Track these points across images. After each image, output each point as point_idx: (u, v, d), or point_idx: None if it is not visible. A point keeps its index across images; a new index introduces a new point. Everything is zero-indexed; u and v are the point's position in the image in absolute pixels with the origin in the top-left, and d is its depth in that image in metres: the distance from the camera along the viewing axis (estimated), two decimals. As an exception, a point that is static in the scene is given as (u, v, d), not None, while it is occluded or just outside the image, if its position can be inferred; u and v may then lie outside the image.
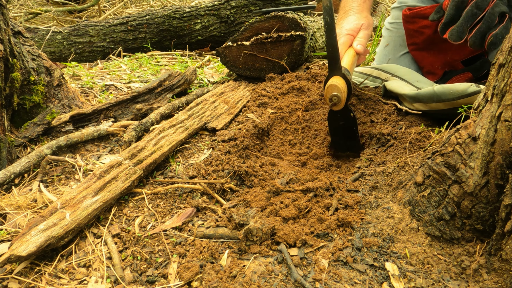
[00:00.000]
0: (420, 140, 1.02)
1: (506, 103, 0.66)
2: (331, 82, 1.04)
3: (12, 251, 0.71)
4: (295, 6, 2.63)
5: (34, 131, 1.21)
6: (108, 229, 0.86)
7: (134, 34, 2.56)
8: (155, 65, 2.28)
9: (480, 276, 0.70)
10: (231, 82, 1.71)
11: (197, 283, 0.72)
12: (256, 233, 0.79)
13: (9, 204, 0.92)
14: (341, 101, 1.04)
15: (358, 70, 1.52)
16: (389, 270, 0.73)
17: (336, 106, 1.07)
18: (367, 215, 0.87)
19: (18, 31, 1.29)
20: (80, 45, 2.49)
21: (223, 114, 1.38)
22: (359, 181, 1.00)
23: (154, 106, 1.44)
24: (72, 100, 1.41)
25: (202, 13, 2.61)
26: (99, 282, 0.73)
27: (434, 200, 0.78)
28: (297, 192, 0.94)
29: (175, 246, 0.81)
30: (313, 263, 0.76)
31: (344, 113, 1.11)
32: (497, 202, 0.69)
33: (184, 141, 1.20)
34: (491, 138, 0.68)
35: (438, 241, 0.77)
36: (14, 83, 1.15)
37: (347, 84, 1.07)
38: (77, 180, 1.06)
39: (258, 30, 1.72)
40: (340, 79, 1.06)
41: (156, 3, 4.40)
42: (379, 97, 1.30)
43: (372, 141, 1.16)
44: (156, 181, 1.03)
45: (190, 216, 0.90)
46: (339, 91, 1.04)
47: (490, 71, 0.74)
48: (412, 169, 0.92)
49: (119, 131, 1.28)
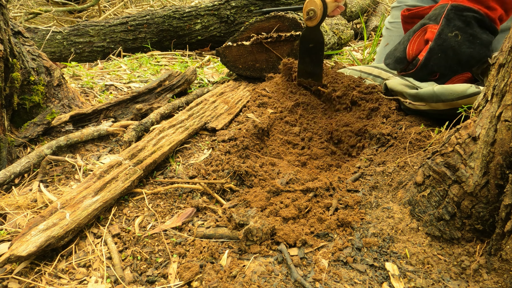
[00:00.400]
0: (420, 140, 1.02)
1: (506, 103, 0.66)
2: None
3: (12, 251, 0.71)
4: (295, 6, 2.63)
5: (34, 131, 1.21)
6: (108, 229, 0.86)
7: (134, 34, 2.56)
8: (155, 65, 2.28)
9: (480, 276, 0.70)
10: (231, 82, 1.71)
11: (197, 283, 0.72)
12: (256, 233, 0.79)
13: (9, 204, 0.92)
14: (316, 16, 1.18)
15: (358, 69, 1.52)
16: (389, 270, 0.73)
17: (310, 21, 1.21)
18: (367, 215, 0.87)
19: (18, 31, 1.29)
20: (80, 45, 2.49)
21: (223, 114, 1.38)
22: (359, 181, 1.00)
23: (154, 106, 1.44)
24: (72, 100, 1.41)
25: (202, 13, 2.61)
26: (99, 282, 0.73)
27: (434, 200, 0.78)
28: (297, 192, 0.94)
29: (175, 246, 0.81)
30: (313, 263, 0.76)
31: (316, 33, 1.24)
32: (497, 202, 0.69)
33: (184, 141, 1.20)
34: (491, 138, 0.68)
35: (438, 241, 0.77)
36: (14, 83, 1.15)
37: (323, 4, 1.20)
38: (77, 180, 1.06)
39: (258, 30, 1.72)
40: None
41: (156, 3, 4.40)
42: (381, 94, 1.30)
43: (372, 141, 1.16)
44: (156, 181, 1.03)
45: (190, 216, 0.90)
46: (316, 7, 1.19)
47: (490, 71, 0.74)
48: (412, 169, 0.92)
49: (119, 131, 1.28)
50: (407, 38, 1.18)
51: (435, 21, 1.14)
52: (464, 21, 1.09)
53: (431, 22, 1.15)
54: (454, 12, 1.10)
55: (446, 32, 1.10)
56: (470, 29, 1.08)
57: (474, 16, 1.07)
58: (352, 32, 2.69)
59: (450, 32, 1.09)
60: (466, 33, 1.08)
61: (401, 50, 1.19)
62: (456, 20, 1.09)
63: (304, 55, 1.30)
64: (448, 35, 1.09)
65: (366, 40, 2.62)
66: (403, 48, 1.18)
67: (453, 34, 1.09)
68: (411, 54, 1.16)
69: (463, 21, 1.09)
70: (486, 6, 1.07)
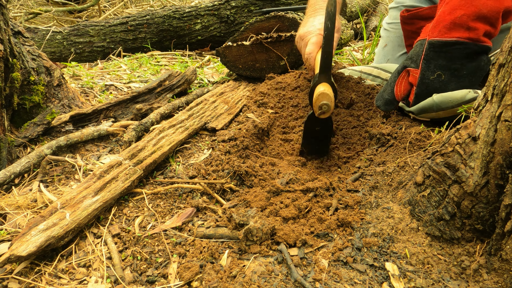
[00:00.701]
0: (420, 140, 1.02)
1: (506, 103, 0.66)
2: (322, 90, 1.01)
3: (12, 251, 0.71)
4: (295, 6, 2.63)
5: (34, 131, 1.21)
6: (108, 229, 0.86)
7: (134, 34, 2.56)
8: (155, 65, 2.28)
9: (480, 276, 0.70)
10: (231, 82, 1.71)
11: (197, 283, 0.72)
12: (256, 233, 0.79)
13: (9, 204, 0.92)
14: (330, 110, 1.02)
15: (358, 69, 1.52)
16: (389, 270, 0.73)
17: (324, 115, 1.04)
18: (367, 215, 0.87)
19: (18, 31, 1.29)
20: (80, 45, 2.49)
21: (223, 114, 1.38)
22: (359, 181, 1.00)
23: (154, 106, 1.44)
24: (72, 100, 1.41)
25: (202, 13, 2.61)
26: (99, 282, 0.73)
27: (434, 200, 0.78)
28: (297, 192, 0.94)
29: (175, 246, 0.81)
30: (313, 263, 0.76)
31: (326, 120, 1.08)
32: (497, 202, 0.69)
33: (184, 141, 1.20)
34: (491, 138, 0.68)
35: (438, 241, 0.77)
36: (14, 83, 1.15)
37: (334, 92, 1.05)
38: (77, 180, 1.06)
39: (258, 30, 1.72)
40: (329, 87, 1.03)
41: (156, 3, 4.40)
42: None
43: (372, 141, 1.16)
44: (156, 181, 1.03)
45: (190, 216, 0.90)
46: (330, 100, 1.01)
47: (490, 71, 0.74)
48: (412, 169, 0.92)
49: (119, 131, 1.28)
50: (393, 79, 1.15)
51: (416, 63, 1.09)
52: (445, 58, 1.04)
53: (412, 65, 1.11)
54: (433, 50, 1.05)
55: (427, 75, 1.06)
56: (453, 63, 1.04)
57: (456, 49, 1.02)
58: (352, 32, 2.69)
59: (432, 74, 1.05)
60: (450, 69, 1.04)
61: (389, 91, 1.16)
62: (437, 59, 1.05)
63: (309, 135, 1.14)
64: (431, 78, 1.06)
65: (366, 40, 2.62)
66: (391, 90, 1.15)
67: (435, 76, 1.05)
68: (400, 96, 1.14)
69: (445, 58, 1.04)
70: (466, 28, 1.01)
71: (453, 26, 1.02)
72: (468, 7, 1.00)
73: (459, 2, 1.02)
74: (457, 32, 1.02)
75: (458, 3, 1.02)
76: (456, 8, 1.02)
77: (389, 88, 1.17)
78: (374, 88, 1.37)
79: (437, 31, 1.05)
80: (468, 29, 1.01)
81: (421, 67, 1.07)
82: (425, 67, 1.07)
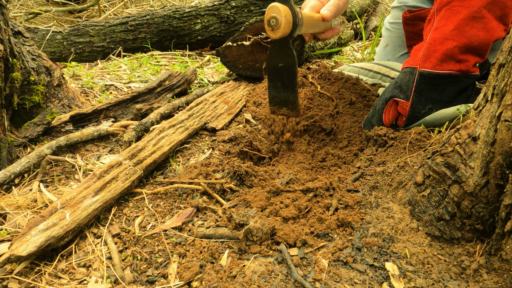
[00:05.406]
0: (420, 140, 1.02)
1: (506, 103, 0.66)
2: (272, 4, 0.93)
3: (12, 251, 0.71)
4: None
5: (34, 131, 1.21)
6: (108, 229, 0.86)
7: (134, 34, 2.56)
8: (155, 65, 2.28)
9: (480, 276, 0.70)
10: (231, 82, 1.71)
11: (197, 283, 0.72)
12: (256, 233, 0.79)
13: (9, 204, 0.92)
14: (279, 25, 0.92)
15: (358, 66, 1.52)
16: (389, 270, 0.73)
17: (273, 32, 0.95)
18: (367, 215, 0.87)
19: (18, 31, 1.29)
20: (80, 45, 2.49)
21: (223, 114, 1.38)
22: (359, 181, 1.00)
23: (154, 106, 1.44)
24: (72, 100, 1.41)
25: (202, 13, 2.61)
26: (99, 282, 0.73)
27: (434, 200, 0.78)
28: (297, 192, 0.94)
29: (175, 246, 0.81)
30: (313, 263, 0.76)
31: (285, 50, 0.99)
32: (497, 202, 0.69)
33: (184, 141, 1.20)
34: (491, 138, 0.68)
35: (438, 241, 0.77)
36: (14, 83, 1.15)
37: (292, 15, 0.94)
38: (77, 180, 1.06)
39: (258, 30, 1.72)
40: (284, 6, 0.94)
41: (156, 3, 4.40)
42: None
43: (369, 142, 1.16)
44: (156, 181, 1.03)
45: (190, 216, 0.90)
46: (279, 14, 0.91)
47: (490, 71, 0.74)
48: (412, 169, 0.92)
49: (119, 131, 1.28)
50: (381, 107, 1.14)
51: (405, 94, 1.07)
52: (437, 90, 1.03)
53: (401, 96, 1.07)
54: (424, 82, 1.03)
55: (418, 109, 1.05)
56: (445, 96, 1.03)
57: (447, 82, 1.01)
58: (352, 32, 2.69)
59: (423, 108, 1.04)
60: (441, 101, 1.03)
61: (377, 119, 1.15)
62: (428, 92, 1.03)
63: (274, 77, 1.05)
64: (422, 112, 1.05)
65: (366, 40, 2.62)
66: (379, 117, 1.14)
67: (426, 109, 1.04)
68: (388, 123, 1.14)
69: (436, 91, 1.03)
70: (457, 61, 1.00)
71: (445, 58, 1.00)
72: (460, 38, 0.99)
73: (451, 31, 1.00)
74: (448, 64, 1.00)
75: (450, 32, 1.00)
76: (447, 38, 1.00)
77: (377, 115, 1.16)
78: (369, 90, 1.37)
79: (429, 62, 1.03)
80: (459, 61, 1.00)
81: (412, 100, 1.05)
82: (416, 100, 1.05)
